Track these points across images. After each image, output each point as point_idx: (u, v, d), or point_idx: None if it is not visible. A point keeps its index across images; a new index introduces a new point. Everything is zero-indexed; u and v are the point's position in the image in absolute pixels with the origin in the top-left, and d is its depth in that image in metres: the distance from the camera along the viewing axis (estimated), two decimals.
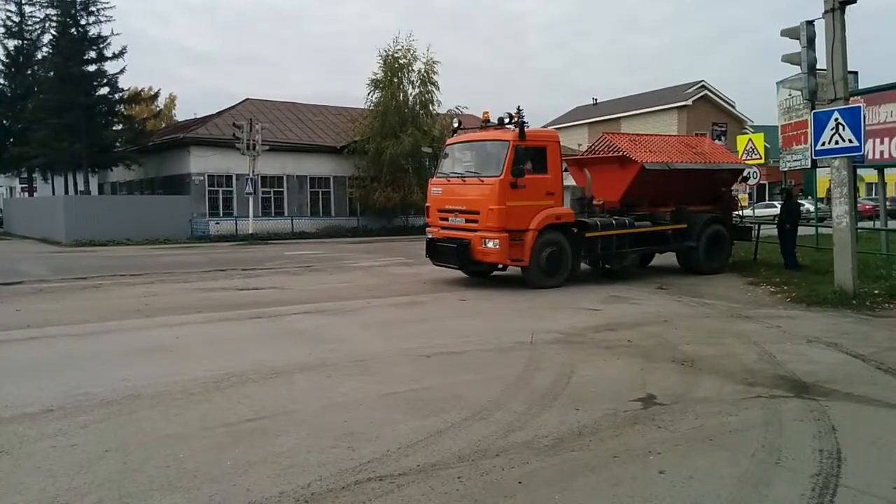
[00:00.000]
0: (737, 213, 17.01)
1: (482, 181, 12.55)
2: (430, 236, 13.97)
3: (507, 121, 13.14)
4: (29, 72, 38.49)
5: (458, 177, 13.35)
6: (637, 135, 16.62)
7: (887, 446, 4.58)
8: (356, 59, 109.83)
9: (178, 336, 8.46)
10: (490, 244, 12.27)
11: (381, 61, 33.04)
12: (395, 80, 32.87)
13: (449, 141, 14.84)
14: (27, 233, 32.53)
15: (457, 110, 31.32)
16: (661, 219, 14.54)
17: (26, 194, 43.80)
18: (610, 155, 14.41)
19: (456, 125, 14.77)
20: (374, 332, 8.68)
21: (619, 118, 49.75)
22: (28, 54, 38.95)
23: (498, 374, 6.48)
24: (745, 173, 19.21)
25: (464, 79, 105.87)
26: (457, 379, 6.36)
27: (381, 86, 32.90)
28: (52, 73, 34.29)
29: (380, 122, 32.18)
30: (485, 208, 12.32)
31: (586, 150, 17.04)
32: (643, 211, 14.52)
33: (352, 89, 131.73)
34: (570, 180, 15.00)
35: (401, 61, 32.91)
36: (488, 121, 13.78)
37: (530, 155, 12.51)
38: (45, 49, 37.22)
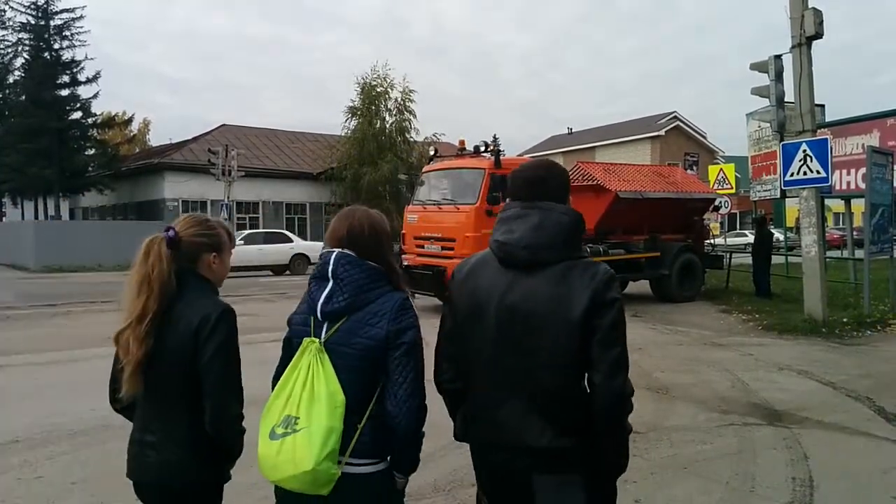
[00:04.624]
0: (708, 241, 17.24)
1: (458, 209, 12.60)
2: (405, 263, 13.95)
3: (482, 149, 13.24)
4: (0, 96, 38.06)
5: (434, 204, 13.38)
6: (611, 164, 16.84)
7: (859, 474, 4.63)
8: (333, 87, 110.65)
9: None
10: None
11: (358, 89, 33.27)
12: (373, 107, 33.07)
13: (425, 168, 14.89)
14: None
15: (434, 138, 31.56)
16: (635, 247, 14.69)
17: None
18: (584, 183, 14.56)
19: (432, 153, 14.85)
20: None
21: (594, 147, 50.39)
22: None
23: None
24: (716, 202, 19.55)
25: (441, 107, 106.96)
26: (433, 406, 6.30)
27: (358, 113, 33.08)
28: (23, 98, 33.94)
29: (357, 149, 32.28)
30: (460, 235, 12.34)
31: None
32: (617, 239, 14.65)
33: (328, 117, 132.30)
34: None
35: (378, 89, 33.14)
36: (464, 149, 13.87)
37: (506, 183, 12.57)
38: (16, 73, 36.89)
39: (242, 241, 23.09)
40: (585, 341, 1.94)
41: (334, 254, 2.13)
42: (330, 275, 2.12)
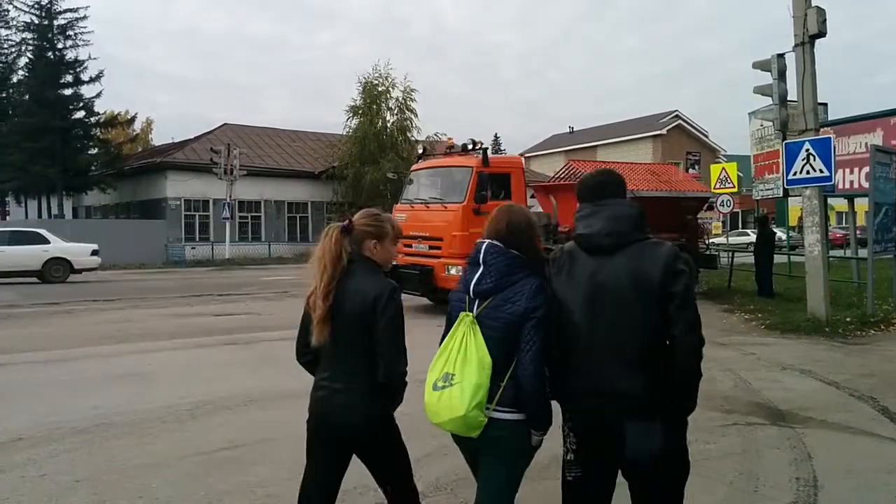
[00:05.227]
0: (701, 240, 17.11)
1: (445, 207, 12.50)
2: (394, 262, 13.85)
3: (471, 147, 13.18)
4: (4, 95, 38.09)
5: (422, 203, 13.28)
6: (603, 163, 16.80)
7: (863, 474, 4.62)
8: (333, 87, 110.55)
9: (152, 363, 8.33)
10: (453, 271, 12.07)
11: (359, 88, 33.31)
12: (374, 106, 33.11)
13: (414, 167, 14.82)
14: None
15: (435, 137, 31.55)
16: None
17: None
18: (576, 182, 14.46)
19: (421, 151, 14.80)
20: None
21: (595, 146, 50.36)
22: (3, 78, 38.58)
23: None
24: (718, 202, 19.50)
25: (442, 107, 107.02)
26: None
27: (359, 112, 33.11)
28: (27, 97, 34.00)
29: (358, 147, 32.30)
30: (448, 235, 12.22)
31: (552, 177, 17.07)
32: None
33: (330, 115, 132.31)
34: (539, 208, 15.06)
35: (379, 89, 33.18)
36: (452, 147, 13.83)
37: (494, 181, 12.52)
38: (20, 72, 36.95)
39: None
40: (663, 305, 2.39)
41: (485, 244, 2.70)
42: (481, 261, 2.66)
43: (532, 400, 2.54)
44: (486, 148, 12.81)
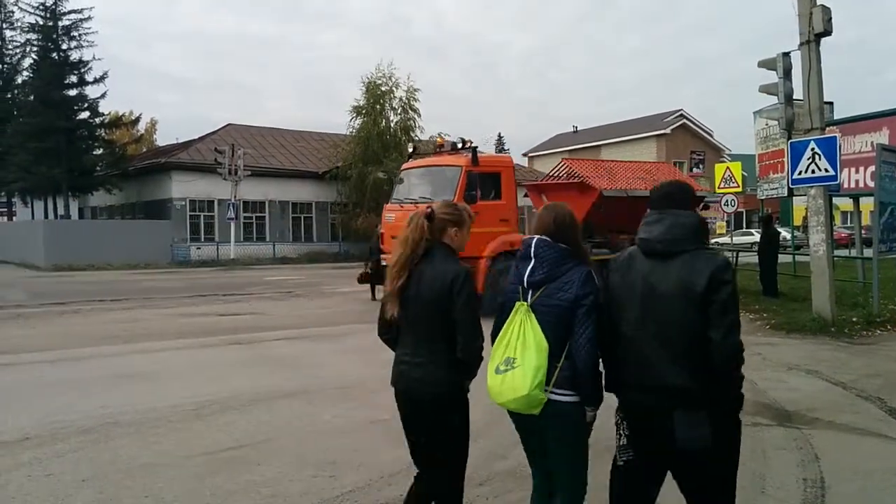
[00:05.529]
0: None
1: None
2: (384, 263, 13.87)
3: (460, 146, 13.15)
4: (9, 96, 38.23)
5: (411, 202, 13.24)
6: (598, 161, 16.73)
7: (870, 475, 4.59)
8: (335, 87, 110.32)
9: (158, 362, 8.35)
10: None
11: (363, 88, 33.29)
12: (378, 106, 33.09)
13: (404, 166, 14.78)
14: (5, 257, 32.06)
15: (437, 137, 31.56)
16: (621, 246, 14.59)
17: (5, 218, 43.20)
18: (569, 181, 14.41)
19: (411, 150, 14.78)
20: (356, 359, 8.60)
21: (599, 146, 50.22)
22: (8, 78, 38.74)
23: (479, 401, 6.43)
24: (722, 201, 19.41)
25: (444, 107, 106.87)
26: None
27: (363, 112, 33.11)
28: (32, 98, 34.08)
29: (362, 147, 32.30)
30: None
31: (545, 176, 16.98)
32: (602, 238, 14.47)
33: (332, 116, 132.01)
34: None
35: (382, 88, 33.16)
36: (442, 146, 13.80)
37: (484, 180, 12.49)
38: (25, 73, 37.04)
39: None
40: (706, 310, 2.57)
41: (535, 239, 2.94)
42: (532, 255, 2.90)
43: (586, 380, 2.77)
44: (476, 147, 12.76)
